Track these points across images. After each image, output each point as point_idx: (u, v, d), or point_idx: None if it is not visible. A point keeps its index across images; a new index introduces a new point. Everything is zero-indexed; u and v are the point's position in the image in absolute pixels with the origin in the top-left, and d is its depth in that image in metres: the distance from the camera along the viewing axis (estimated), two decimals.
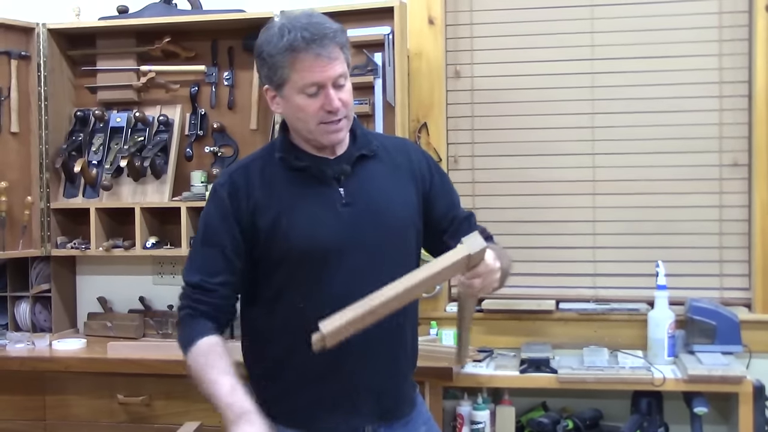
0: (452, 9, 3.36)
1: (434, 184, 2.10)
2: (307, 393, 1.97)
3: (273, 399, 2.00)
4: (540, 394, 3.16)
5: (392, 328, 1.98)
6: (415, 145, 2.24)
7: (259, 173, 2.00)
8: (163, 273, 3.55)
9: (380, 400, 2.00)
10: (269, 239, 1.94)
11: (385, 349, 1.99)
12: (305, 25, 1.87)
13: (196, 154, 3.42)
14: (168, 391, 3.01)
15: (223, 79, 3.39)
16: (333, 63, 1.88)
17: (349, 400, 1.97)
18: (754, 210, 3.12)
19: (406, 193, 2.04)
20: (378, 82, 3.10)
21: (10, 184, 3.30)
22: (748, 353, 2.99)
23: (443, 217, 2.11)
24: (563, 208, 3.31)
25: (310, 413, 1.98)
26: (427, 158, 2.15)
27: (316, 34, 1.86)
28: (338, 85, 1.91)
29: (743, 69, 3.16)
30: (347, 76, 1.94)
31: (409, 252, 2.02)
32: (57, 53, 3.43)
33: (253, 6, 3.31)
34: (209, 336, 1.92)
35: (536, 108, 3.31)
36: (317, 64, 1.87)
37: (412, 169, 2.07)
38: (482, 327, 3.26)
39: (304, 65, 1.87)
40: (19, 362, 3.12)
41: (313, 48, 1.85)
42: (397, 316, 1.95)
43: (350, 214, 1.95)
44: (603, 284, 3.28)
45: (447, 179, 2.18)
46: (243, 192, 1.97)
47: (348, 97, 1.94)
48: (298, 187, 1.97)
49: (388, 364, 2.01)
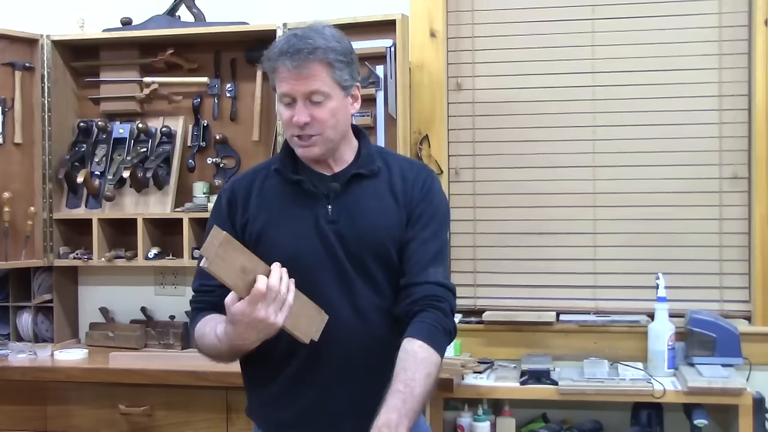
0: (454, 22, 3.38)
1: (416, 206, 2.00)
2: (294, 402, 1.98)
3: (260, 402, 2.06)
4: (540, 406, 3.17)
5: (379, 341, 1.97)
6: (424, 169, 2.09)
7: (259, 184, 2.05)
8: (164, 284, 3.55)
9: (366, 416, 1.94)
10: (257, 250, 1.94)
11: (371, 364, 1.96)
12: (297, 35, 1.91)
13: (198, 165, 3.43)
14: (169, 402, 3.01)
15: (226, 90, 3.40)
16: (306, 79, 1.89)
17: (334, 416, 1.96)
18: (754, 223, 3.13)
19: (393, 215, 1.99)
20: (380, 95, 3.11)
21: (13, 194, 3.31)
22: (748, 365, 2.99)
23: (403, 243, 1.99)
24: (564, 220, 3.32)
25: (293, 420, 1.99)
26: (427, 183, 2.04)
27: (292, 46, 1.88)
28: (313, 101, 1.90)
29: (743, 83, 3.18)
30: (330, 96, 1.91)
31: (390, 272, 1.98)
32: (61, 64, 3.44)
33: (256, 19, 3.33)
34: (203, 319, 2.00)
35: (537, 120, 3.33)
36: (289, 76, 1.90)
37: (405, 190, 2.01)
38: (483, 338, 3.27)
39: (279, 75, 1.92)
40: (20, 372, 3.12)
41: (284, 60, 1.89)
42: (384, 330, 1.97)
43: (333, 232, 1.95)
44: (603, 296, 3.29)
45: (432, 208, 2.02)
46: (241, 200, 2.03)
47: (324, 115, 1.91)
48: (289, 201, 2.00)
49: (374, 378, 1.93)
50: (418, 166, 2.11)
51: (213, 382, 2.92)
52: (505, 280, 3.36)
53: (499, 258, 3.37)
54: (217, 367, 2.85)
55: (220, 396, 2.95)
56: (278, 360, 1.97)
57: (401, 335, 1.91)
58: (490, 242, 3.37)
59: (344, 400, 1.97)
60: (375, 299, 1.97)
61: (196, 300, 2.06)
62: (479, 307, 3.35)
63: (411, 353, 1.85)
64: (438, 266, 1.98)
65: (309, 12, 3.32)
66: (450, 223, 2.11)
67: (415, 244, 1.97)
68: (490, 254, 3.37)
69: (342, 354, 1.95)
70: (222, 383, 2.89)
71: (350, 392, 1.96)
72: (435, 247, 1.99)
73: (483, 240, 3.37)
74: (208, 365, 2.88)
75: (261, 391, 2.06)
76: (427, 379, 1.84)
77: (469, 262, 3.36)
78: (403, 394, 1.79)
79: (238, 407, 2.85)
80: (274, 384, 2.01)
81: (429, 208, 2.01)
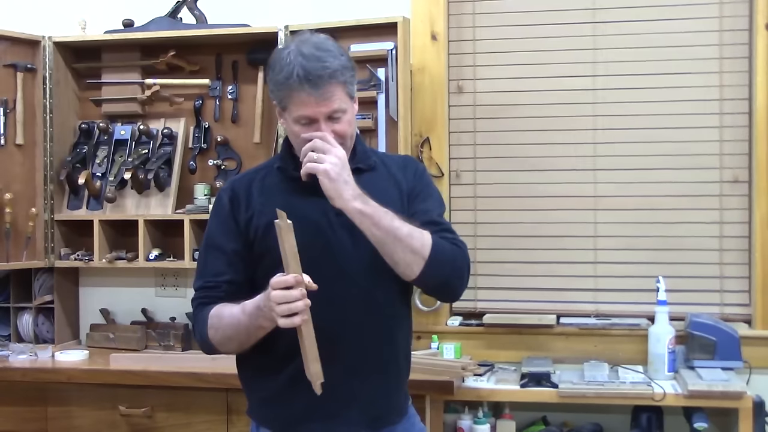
0: (455, 25, 3.39)
1: (411, 187, 2.11)
2: (295, 398, 1.99)
3: (262, 402, 2.08)
4: (540, 409, 3.17)
5: (384, 337, 2.04)
6: (414, 160, 2.26)
7: (260, 182, 2.09)
8: (165, 285, 3.56)
9: (370, 408, 2.02)
10: (264, 245, 2.00)
11: (376, 359, 2.03)
12: (307, 57, 1.92)
13: (199, 167, 3.43)
14: (170, 403, 3.02)
15: (227, 92, 3.41)
16: (327, 102, 1.94)
17: (338, 407, 1.99)
18: (755, 226, 3.13)
19: (399, 205, 2.05)
20: (381, 97, 3.12)
21: (14, 195, 3.32)
22: (748, 369, 2.99)
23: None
24: (564, 223, 3.32)
25: (297, 418, 2.01)
26: (418, 167, 2.17)
27: (311, 72, 1.91)
28: (334, 118, 1.96)
29: (744, 86, 3.18)
30: (347, 110, 1.98)
31: None
32: (62, 66, 3.45)
33: (257, 21, 3.33)
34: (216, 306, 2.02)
35: (538, 123, 3.33)
36: (310, 101, 1.93)
37: (406, 178, 2.11)
38: (483, 341, 3.27)
39: (298, 100, 1.95)
40: (21, 373, 3.13)
41: (306, 87, 1.92)
42: (390, 326, 2.02)
43: (343, 224, 1.98)
44: (604, 299, 3.29)
45: (429, 188, 2.16)
46: (243, 198, 2.06)
47: (345, 127, 1.99)
48: (294, 196, 2.02)
49: (380, 373, 2.04)
50: (408, 157, 2.32)
51: (213, 383, 2.92)
52: (505, 283, 3.36)
53: (500, 261, 3.37)
54: (218, 368, 2.88)
55: (221, 397, 2.95)
56: (280, 357, 1.99)
57: (408, 319, 2.11)
58: (490, 245, 3.37)
59: (348, 390, 1.99)
60: (383, 290, 2.02)
61: (200, 296, 2.07)
62: (480, 309, 3.35)
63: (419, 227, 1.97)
64: (447, 230, 2.07)
65: (310, 15, 3.33)
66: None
67: (422, 216, 2.05)
68: (491, 257, 3.37)
69: (348, 345, 1.98)
70: (222, 385, 2.89)
71: (355, 381, 2.00)
72: (437, 213, 2.11)
73: (483, 243, 3.37)
74: (208, 367, 2.91)
75: (263, 390, 2.07)
76: (411, 235, 1.93)
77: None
78: (389, 213, 1.92)
79: (239, 408, 2.86)
80: (276, 382, 2.02)
81: (427, 188, 2.14)
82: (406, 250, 1.92)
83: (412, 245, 1.92)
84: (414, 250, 1.93)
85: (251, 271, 2.04)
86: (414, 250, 1.93)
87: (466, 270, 2.05)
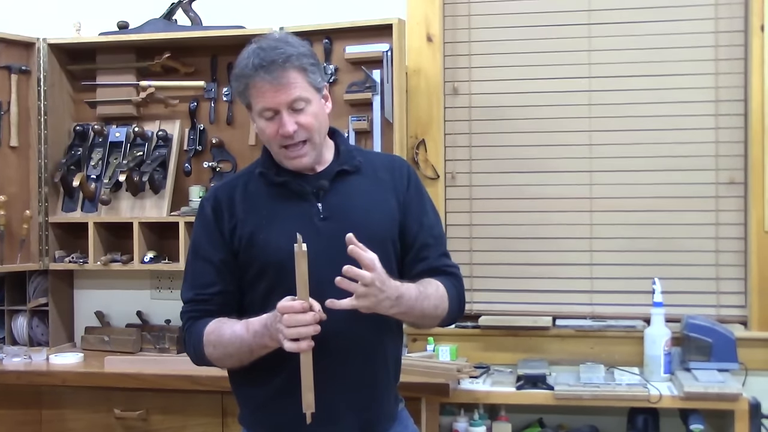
0: (451, 27, 3.39)
1: (408, 196, 2.09)
2: (287, 406, 1.98)
3: (253, 408, 2.07)
4: (536, 411, 3.16)
5: (373, 343, 2.02)
6: (402, 161, 2.21)
7: (242, 189, 2.06)
8: (160, 287, 3.55)
9: (360, 413, 2.01)
10: (249, 252, 1.99)
11: (366, 364, 2.01)
12: (263, 48, 1.93)
13: (194, 169, 3.43)
14: (165, 406, 3.01)
15: (222, 94, 3.40)
16: (285, 88, 1.92)
17: (329, 413, 1.97)
18: (750, 228, 3.14)
19: (387, 207, 2.05)
20: (376, 99, 3.11)
21: (9, 198, 3.31)
22: (744, 371, 2.99)
23: (409, 234, 2.07)
24: (560, 225, 3.32)
25: (288, 424, 1.99)
26: (410, 173, 2.14)
27: (265, 59, 1.90)
28: (296, 108, 1.94)
29: (739, 88, 3.19)
30: (310, 100, 1.95)
31: (386, 266, 1.97)
32: (57, 68, 3.44)
33: (252, 23, 3.33)
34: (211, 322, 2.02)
35: (534, 125, 3.33)
36: (268, 89, 1.92)
37: (394, 182, 2.09)
38: (479, 343, 3.27)
39: (257, 91, 1.94)
40: (15, 376, 3.12)
41: (260, 74, 1.91)
42: (379, 331, 2.01)
43: (327, 228, 1.97)
44: (600, 301, 3.29)
45: (424, 198, 2.14)
46: (226, 206, 2.04)
47: (309, 120, 1.96)
48: (277, 202, 2.01)
49: (369, 378, 2.03)
50: (394, 157, 2.29)
51: (209, 386, 2.91)
52: (501, 285, 3.36)
53: (496, 263, 3.37)
54: (213, 371, 2.85)
55: (216, 400, 2.94)
56: (272, 365, 1.97)
57: (397, 323, 2.06)
58: (486, 247, 3.37)
59: (342, 395, 1.98)
60: None
61: (190, 310, 2.05)
62: (475, 311, 3.34)
63: (434, 282, 2.01)
64: (446, 253, 2.13)
65: (305, 16, 3.32)
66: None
67: (424, 235, 2.08)
68: (487, 259, 3.37)
69: (339, 350, 1.96)
70: (218, 388, 2.88)
71: (347, 386, 1.99)
72: (439, 229, 2.14)
73: (479, 245, 3.37)
74: (204, 370, 2.89)
75: (255, 397, 2.06)
76: (434, 296, 1.98)
77: (465, 266, 3.35)
78: (416, 288, 1.94)
79: (234, 411, 2.80)
80: (269, 388, 2.01)
81: (423, 197, 2.13)
82: (427, 318, 2.01)
83: (435, 314, 2.01)
84: (436, 316, 2.02)
85: (239, 279, 2.03)
86: (436, 316, 2.02)
87: (464, 298, 2.13)
